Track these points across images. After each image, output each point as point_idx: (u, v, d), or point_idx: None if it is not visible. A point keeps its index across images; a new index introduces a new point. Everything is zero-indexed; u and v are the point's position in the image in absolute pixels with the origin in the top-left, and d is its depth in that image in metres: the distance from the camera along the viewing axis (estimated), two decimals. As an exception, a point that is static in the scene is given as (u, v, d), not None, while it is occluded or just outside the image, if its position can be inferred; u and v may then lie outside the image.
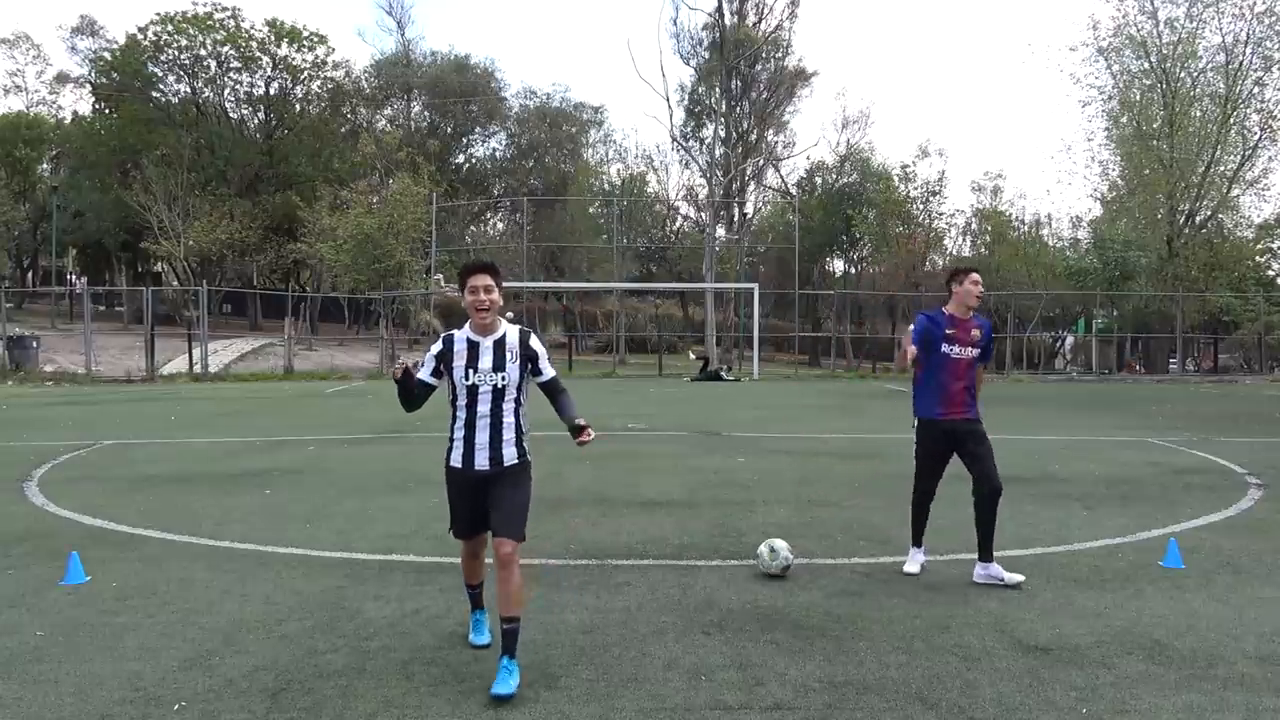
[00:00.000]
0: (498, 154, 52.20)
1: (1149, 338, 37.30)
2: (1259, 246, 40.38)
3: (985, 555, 5.20)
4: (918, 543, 5.54)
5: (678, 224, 50.55)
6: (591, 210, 47.11)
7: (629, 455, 10.56)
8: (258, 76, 44.39)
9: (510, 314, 4.11)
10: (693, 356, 29.64)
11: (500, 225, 52.59)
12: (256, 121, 46.13)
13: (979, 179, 63.90)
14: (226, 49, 42.69)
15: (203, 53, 42.83)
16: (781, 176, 49.01)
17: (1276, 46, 34.05)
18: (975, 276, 5.39)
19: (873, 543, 6.21)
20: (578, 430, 3.98)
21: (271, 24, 43.53)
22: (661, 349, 36.47)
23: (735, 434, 12.97)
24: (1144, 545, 6.15)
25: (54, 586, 5.12)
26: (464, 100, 47.52)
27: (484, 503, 3.90)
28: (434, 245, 36.05)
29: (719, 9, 40.43)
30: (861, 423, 14.94)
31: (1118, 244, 34.89)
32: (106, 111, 44.89)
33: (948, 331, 5.27)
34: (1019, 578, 5.13)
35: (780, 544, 5.34)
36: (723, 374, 28.96)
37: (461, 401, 3.92)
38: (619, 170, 50.48)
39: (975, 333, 5.31)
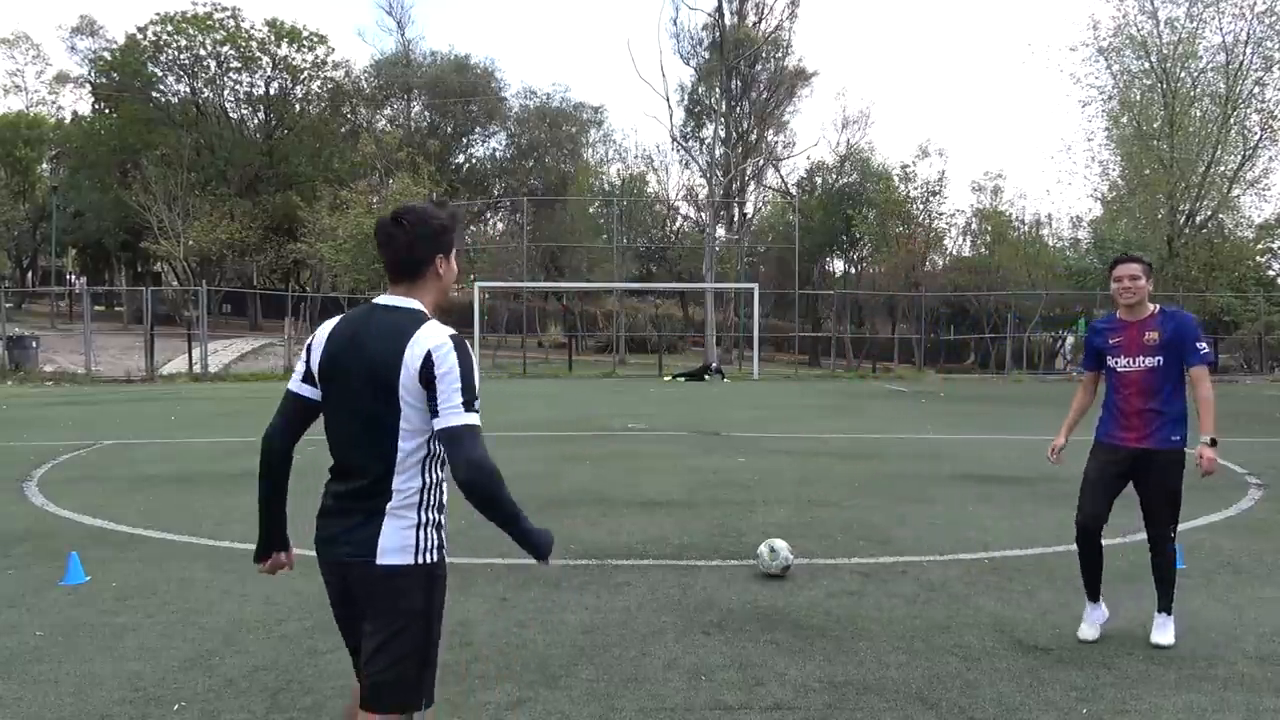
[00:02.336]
0: (498, 154, 52.19)
1: (1149, 338, 37.24)
2: (1259, 246, 40.37)
3: (1161, 604, 4.33)
4: (1093, 596, 4.42)
5: (678, 224, 50.54)
6: (591, 210, 47.09)
7: (629, 455, 10.56)
8: (258, 76, 44.38)
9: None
10: (668, 378, 28.75)
11: (500, 225, 52.56)
12: (256, 121, 46.12)
13: (979, 179, 63.90)
14: (226, 49, 42.67)
15: (202, 53, 42.81)
16: (781, 176, 49.03)
17: (1276, 46, 34.04)
18: (1125, 269, 4.26)
19: (873, 543, 6.21)
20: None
21: (271, 24, 43.52)
22: (661, 349, 36.45)
23: (735, 434, 12.96)
24: (1144, 545, 6.12)
25: (54, 586, 5.13)
26: (464, 100, 47.49)
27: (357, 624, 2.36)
28: (434, 245, 36.03)
29: (719, 9, 40.44)
30: (861, 423, 14.94)
31: (1118, 244, 34.86)
32: (106, 111, 44.88)
33: (1111, 341, 4.35)
34: (1168, 639, 4.24)
35: (780, 544, 5.34)
36: (708, 371, 28.63)
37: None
38: (619, 170, 50.52)
39: (1152, 335, 4.21)
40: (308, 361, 2.38)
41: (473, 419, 2.16)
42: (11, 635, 4.34)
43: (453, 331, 2.24)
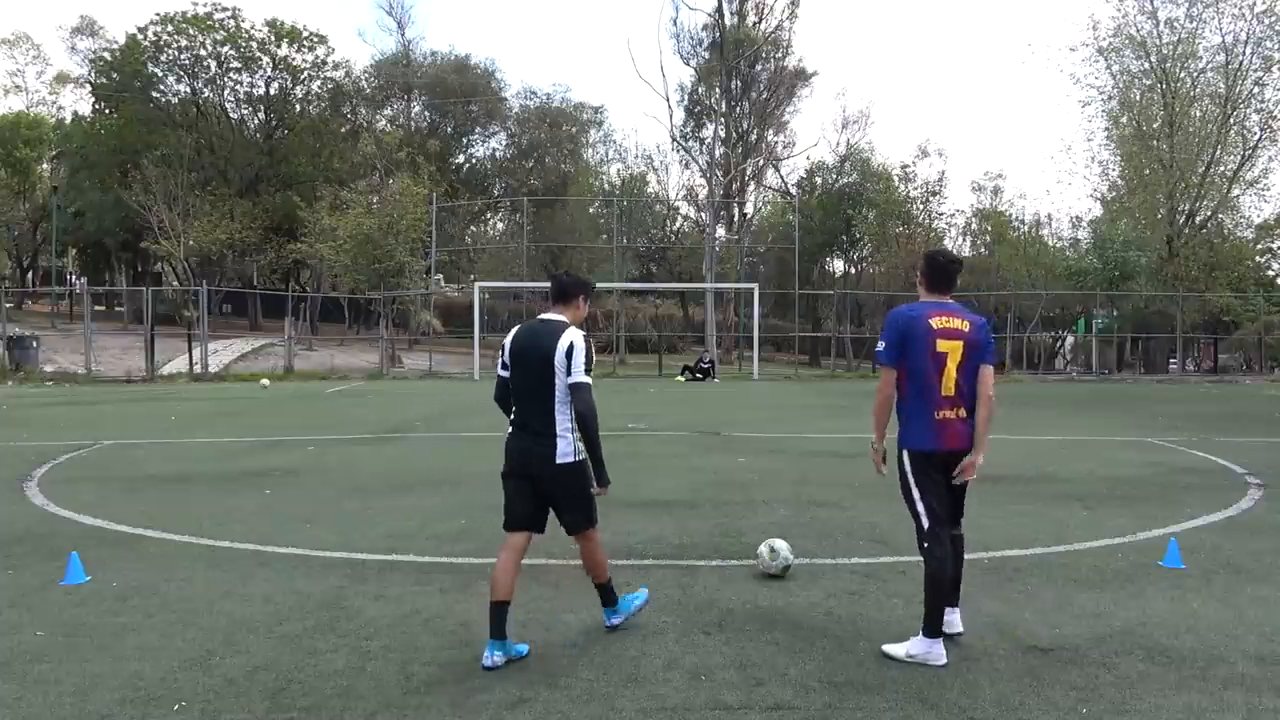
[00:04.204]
0: (498, 154, 52.18)
1: (1149, 338, 37.28)
2: (1259, 246, 40.39)
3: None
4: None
5: (678, 224, 50.55)
6: (591, 210, 47.09)
7: (629, 455, 10.55)
8: (258, 77, 44.36)
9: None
10: (681, 379, 28.68)
11: (500, 225, 52.58)
12: (256, 121, 46.09)
13: (979, 179, 63.87)
14: (226, 49, 42.65)
15: (203, 53, 42.79)
16: (781, 176, 49.05)
17: (1276, 46, 34.09)
18: None
19: (873, 543, 6.20)
20: None
21: (271, 24, 43.50)
22: (661, 349, 36.43)
23: (735, 434, 12.96)
24: (1144, 545, 6.15)
25: (54, 586, 5.12)
26: (464, 100, 47.49)
27: None
28: (434, 245, 36.03)
29: (719, 9, 40.49)
30: (861, 423, 14.93)
31: (1117, 244, 34.87)
32: (106, 111, 44.86)
33: None
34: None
35: (780, 544, 5.33)
36: (701, 363, 28.47)
37: None
38: (619, 170, 50.51)
39: None
40: (504, 355, 4.20)
41: (588, 379, 4.03)
42: (11, 635, 4.33)
43: (583, 332, 4.15)
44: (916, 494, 4.12)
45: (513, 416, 4.19)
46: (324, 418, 15.67)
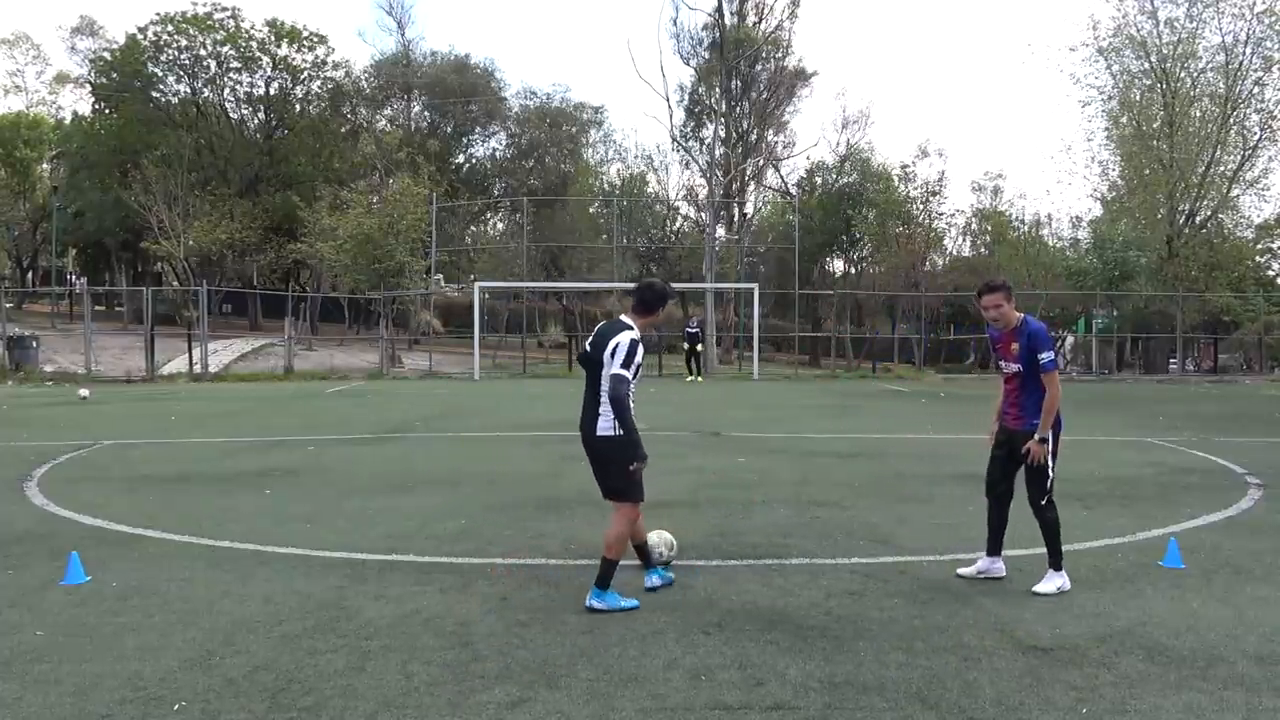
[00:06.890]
0: (498, 154, 52.13)
1: (1149, 338, 37.27)
2: (1259, 246, 40.35)
3: (1050, 560, 5.24)
4: (991, 550, 5.40)
5: (678, 224, 50.49)
6: (591, 210, 47.06)
7: (629, 455, 10.55)
8: (258, 76, 44.32)
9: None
10: (700, 379, 28.75)
11: (500, 225, 52.53)
12: (256, 121, 46.06)
13: (979, 179, 63.80)
14: (226, 49, 42.62)
15: (203, 53, 42.75)
16: (781, 176, 49.01)
17: (1276, 46, 34.05)
18: (990, 299, 5.18)
19: (873, 543, 6.21)
20: None
21: (271, 24, 43.47)
22: (661, 349, 36.39)
23: (735, 434, 12.96)
24: (1144, 545, 6.15)
25: (54, 586, 5.13)
26: (464, 100, 47.47)
27: None
28: (434, 245, 36.02)
29: (719, 9, 40.37)
30: (861, 423, 14.94)
31: (1117, 244, 34.85)
32: (106, 111, 44.85)
33: (996, 347, 5.39)
34: (1047, 588, 5.08)
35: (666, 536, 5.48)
36: (698, 342, 28.60)
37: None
38: (619, 170, 50.46)
39: (1014, 347, 5.17)
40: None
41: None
42: (11, 635, 4.34)
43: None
44: (1056, 464, 5.21)
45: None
46: (324, 418, 15.66)
